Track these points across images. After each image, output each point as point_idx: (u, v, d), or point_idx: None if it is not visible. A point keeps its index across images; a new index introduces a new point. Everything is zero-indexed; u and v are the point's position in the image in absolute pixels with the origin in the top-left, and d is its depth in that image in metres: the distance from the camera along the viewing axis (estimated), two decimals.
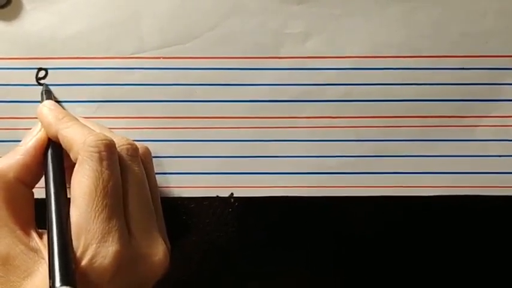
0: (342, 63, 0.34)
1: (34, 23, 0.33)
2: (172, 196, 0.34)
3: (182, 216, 0.34)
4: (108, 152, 0.27)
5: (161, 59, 0.33)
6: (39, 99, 0.32)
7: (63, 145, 0.29)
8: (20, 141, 0.32)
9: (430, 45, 0.33)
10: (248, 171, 0.34)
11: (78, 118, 0.31)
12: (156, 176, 0.33)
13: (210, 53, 0.33)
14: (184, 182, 0.34)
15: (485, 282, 0.35)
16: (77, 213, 0.26)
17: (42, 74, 0.33)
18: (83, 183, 0.27)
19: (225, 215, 0.34)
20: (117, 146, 0.29)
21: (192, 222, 0.34)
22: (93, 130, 0.29)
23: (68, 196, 0.28)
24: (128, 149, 0.29)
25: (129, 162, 0.29)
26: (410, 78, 0.34)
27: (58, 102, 0.33)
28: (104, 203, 0.26)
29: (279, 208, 0.34)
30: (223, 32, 0.33)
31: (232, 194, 0.34)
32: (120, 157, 0.29)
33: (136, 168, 0.29)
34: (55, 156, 0.29)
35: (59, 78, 0.33)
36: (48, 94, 0.32)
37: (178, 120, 0.34)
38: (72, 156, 0.28)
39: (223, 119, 0.34)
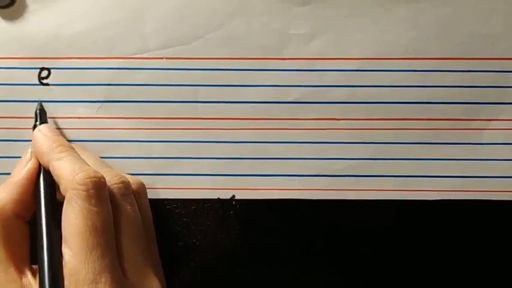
0: (347, 65, 0.33)
1: (37, 23, 0.33)
2: (172, 198, 0.34)
3: (182, 218, 0.34)
4: (97, 190, 0.27)
5: (164, 59, 0.33)
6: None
7: (54, 177, 0.29)
8: (21, 141, 0.33)
9: (437, 47, 0.33)
10: (250, 173, 0.34)
11: (74, 146, 0.31)
12: (157, 177, 0.33)
13: (214, 54, 0.33)
14: (185, 183, 0.34)
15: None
16: (69, 253, 0.26)
17: (45, 73, 0.33)
18: (72, 223, 0.26)
19: (226, 217, 0.34)
20: (108, 183, 0.28)
21: (193, 224, 0.34)
22: (84, 164, 0.29)
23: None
24: (119, 188, 0.29)
25: (121, 201, 0.29)
26: (417, 80, 0.33)
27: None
28: (95, 242, 0.26)
29: (281, 211, 0.34)
30: (227, 32, 0.33)
31: (233, 196, 0.34)
32: (111, 195, 0.28)
33: (128, 207, 0.29)
34: (47, 186, 0.29)
35: (61, 78, 0.33)
36: (42, 115, 0.32)
37: (181, 121, 0.33)
38: (61, 190, 0.28)
39: (226, 120, 0.33)
